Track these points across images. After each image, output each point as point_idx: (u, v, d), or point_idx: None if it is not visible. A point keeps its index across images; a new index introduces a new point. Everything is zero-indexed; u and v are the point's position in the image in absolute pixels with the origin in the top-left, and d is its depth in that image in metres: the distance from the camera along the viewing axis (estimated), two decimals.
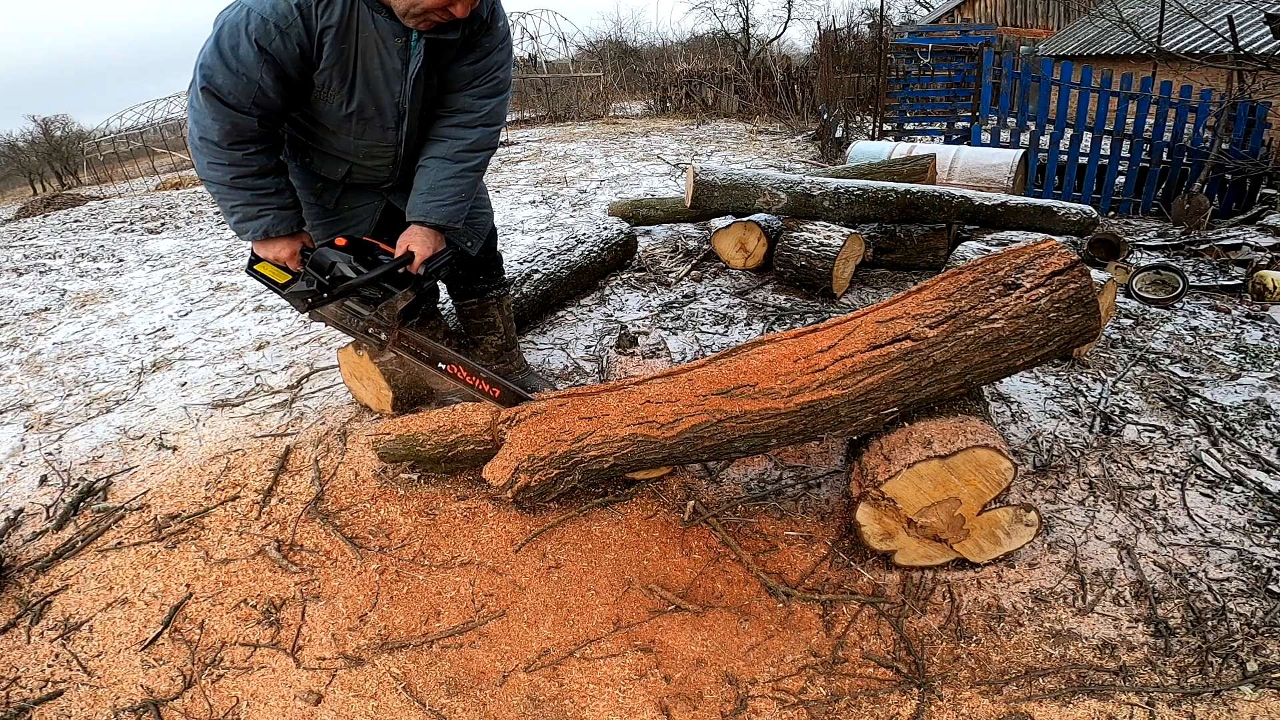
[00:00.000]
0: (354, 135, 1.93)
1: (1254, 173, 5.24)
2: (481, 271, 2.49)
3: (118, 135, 16.90)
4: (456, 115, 1.99)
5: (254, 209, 1.85)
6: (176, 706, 1.61)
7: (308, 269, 1.93)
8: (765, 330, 3.22)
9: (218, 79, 1.67)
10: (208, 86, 1.68)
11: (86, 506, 2.22)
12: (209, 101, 1.69)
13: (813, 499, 2.12)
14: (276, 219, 1.88)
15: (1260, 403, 2.51)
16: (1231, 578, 1.79)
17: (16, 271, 5.38)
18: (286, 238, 1.93)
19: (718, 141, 10.19)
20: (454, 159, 1.99)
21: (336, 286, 1.91)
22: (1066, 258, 1.76)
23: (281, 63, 1.69)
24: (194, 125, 1.77)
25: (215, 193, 1.84)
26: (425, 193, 1.99)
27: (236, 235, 1.97)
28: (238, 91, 1.69)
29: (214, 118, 1.71)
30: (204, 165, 1.80)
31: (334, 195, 2.13)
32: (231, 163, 1.78)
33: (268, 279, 2.02)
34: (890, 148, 5.08)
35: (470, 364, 2.07)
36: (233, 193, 1.82)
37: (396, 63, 1.81)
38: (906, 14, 23.92)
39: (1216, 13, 7.95)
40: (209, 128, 1.73)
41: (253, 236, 1.89)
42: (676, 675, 1.65)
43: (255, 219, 1.86)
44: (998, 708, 1.52)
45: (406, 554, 1.98)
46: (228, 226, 2.03)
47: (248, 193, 1.83)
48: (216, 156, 1.77)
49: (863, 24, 16.40)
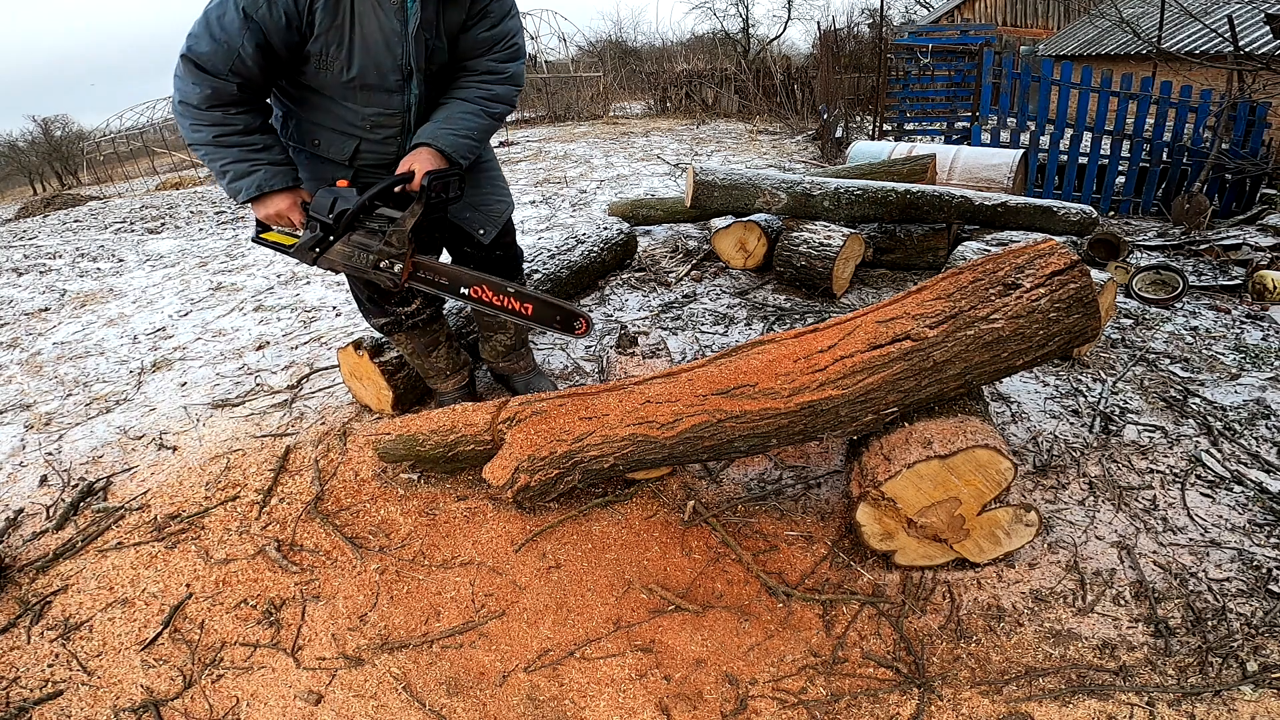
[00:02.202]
0: (360, 103, 1.90)
1: (1254, 173, 5.24)
2: (498, 269, 2.36)
3: (118, 135, 16.91)
4: (482, 75, 1.99)
5: (244, 164, 1.83)
6: (176, 706, 1.61)
7: (310, 215, 1.88)
8: (765, 330, 3.22)
9: (200, 46, 1.69)
10: (188, 54, 1.70)
11: (86, 506, 2.22)
12: (188, 68, 1.71)
13: (813, 499, 2.12)
14: (269, 173, 1.85)
15: (1260, 403, 2.51)
16: (1231, 578, 1.79)
17: (16, 271, 5.38)
18: (282, 192, 1.89)
19: (718, 141, 10.19)
20: (474, 101, 1.98)
21: (338, 220, 1.84)
22: (1066, 258, 1.76)
23: (266, 31, 1.70)
24: (175, 91, 1.78)
25: (204, 156, 1.83)
26: (438, 121, 1.95)
27: (231, 198, 1.92)
28: (216, 59, 1.70)
29: (193, 82, 1.72)
30: (187, 128, 1.80)
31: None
32: (213, 123, 1.78)
33: (276, 244, 1.97)
34: (890, 148, 5.08)
35: (495, 282, 1.98)
36: (220, 151, 1.81)
37: (395, 24, 1.79)
38: (906, 14, 23.92)
39: (1216, 13, 7.95)
40: (188, 92, 1.74)
41: (247, 195, 1.85)
42: (676, 675, 1.65)
43: (247, 175, 1.83)
44: (998, 708, 1.52)
45: (406, 554, 1.98)
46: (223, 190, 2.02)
47: (235, 149, 1.81)
48: (197, 119, 1.77)
49: (863, 24, 16.40)
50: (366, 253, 1.89)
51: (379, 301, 2.26)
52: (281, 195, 1.89)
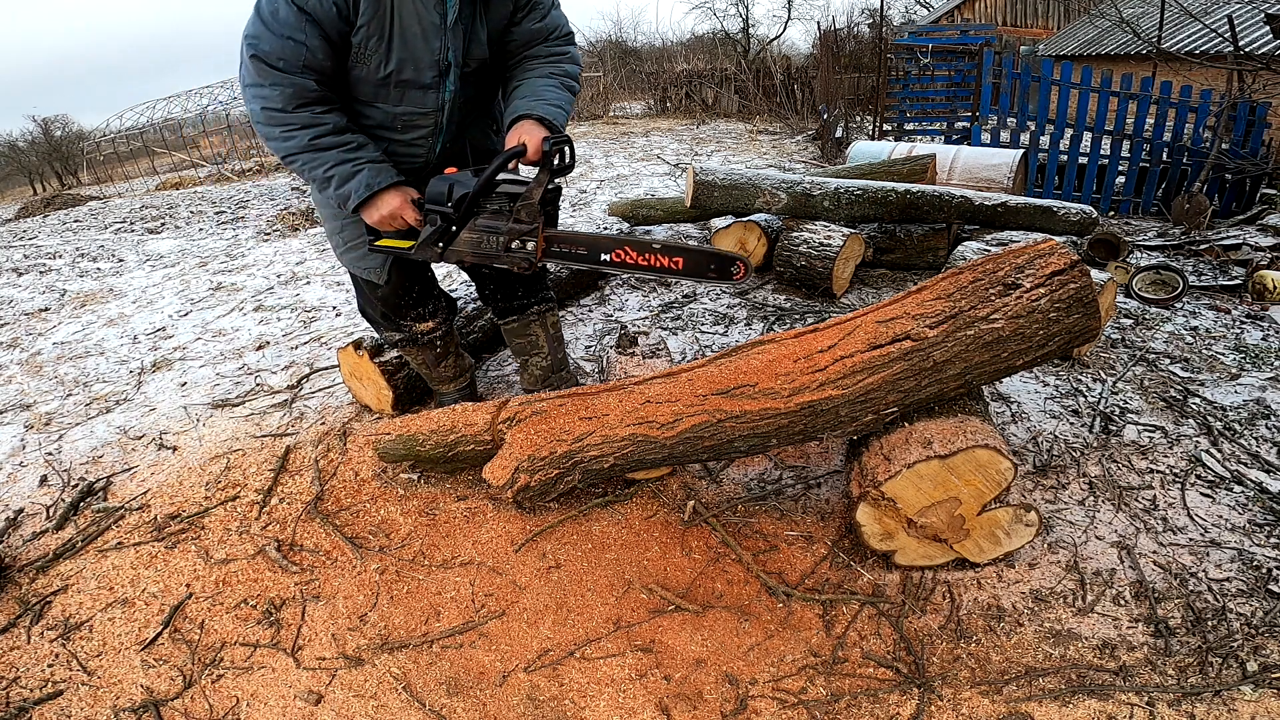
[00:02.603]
0: (391, 102, 1.83)
1: (1254, 173, 5.24)
2: (521, 284, 2.32)
3: (118, 135, 16.91)
4: (548, 58, 1.95)
5: (348, 166, 1.74)
6: (176, 706, 1.61)
7: (427, 208, 1.78)
8: (765, 330, 3.22)
9: (264, 45, 1.62)
10: (255, 53, 1.62)
11: (86, 506, 2.22)
12: (259, 68, 1.63)
13: (813, 499, 2.12)
14: (374, 171, 1.77)
15: (1260, 403, 2.51)
16: (1231, 578, 1.79)
17: (16, 271, 5.38)
18: (392, 189, 1.80)
19: (718, 141, 10.19)
20: (550, 76, 1.92)
21: (461, 206, 1.73)
22: (1066, 258, 1.76)
23: (321, 22, 1.63)
24: (253, 100, 1.68)
25: (303, 165, 1.73)
26: (527, 97, 1.87)
27: (340, 206, 1.81)
28: (286, 55, 1.63)
29: (270, 83, 1.64)
30: (278, 138, 1.70)
31: None
32: (304, 124, 1.69)
33: (393, 249, 1.88)
34: (890, 148, 5.08)
35: (638, 240, 1.88)
36: (319, 155, 1.71)
37: (434, 16, 1.73)
38: (906, 14, 23.92)
39: (1216, 13, 7.95)
40: (269, 95, 1.65)
41: (359, 198, 1.76)
42: (676, 675, 1.64)
43: (354, 176, 1.74)
44: (998, 708, 1.52)
45: (406, 554, 1.98)
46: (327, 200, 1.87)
47: (334, 151, 1.73)
48: (286, 123, 1.68)
49: (863, 24, 16.39)
50: (495, 235, 1.78)
51: (393, 318, 2.23)
52: (392, 193, 1.81)
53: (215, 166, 14.31)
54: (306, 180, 1.84)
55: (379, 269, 2.09)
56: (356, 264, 2.11)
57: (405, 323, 2.24)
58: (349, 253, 2.10)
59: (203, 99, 16.84)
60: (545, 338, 2.43)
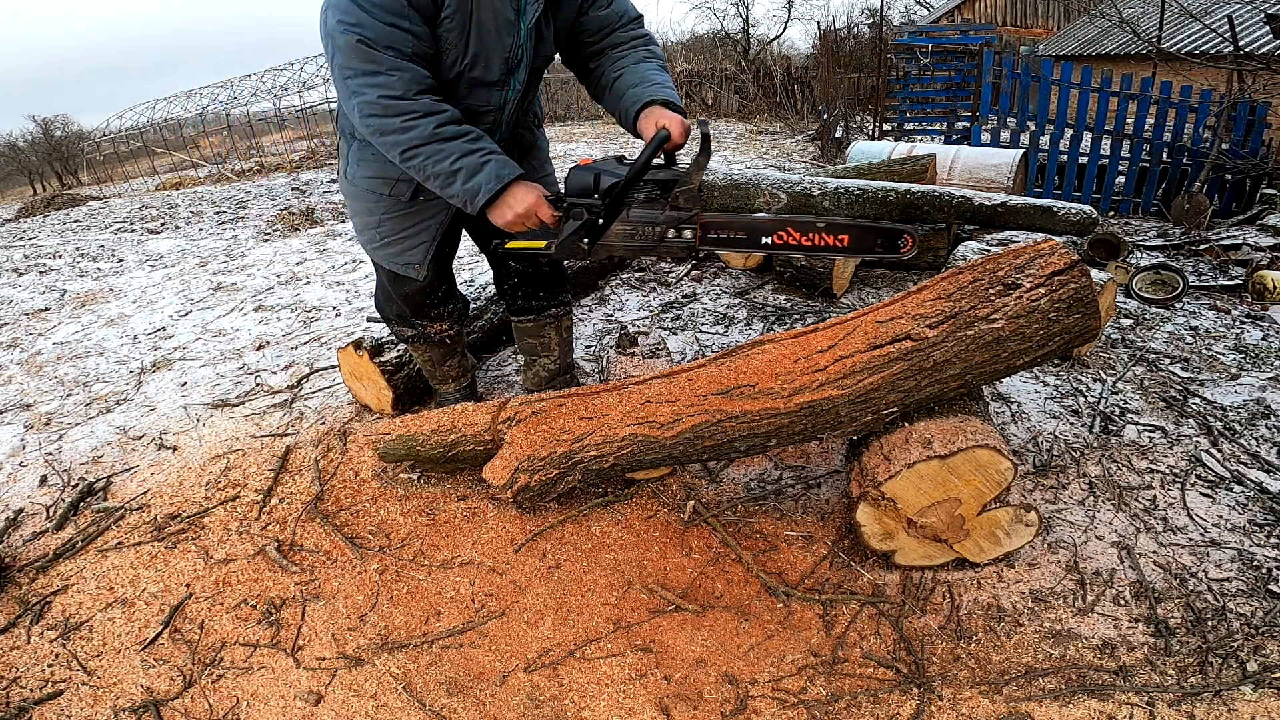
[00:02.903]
0: (458, 99, 1.73)
1: (1254, 173, 5.24)
2: (543, 286, 2.27)
3: (118, 135, 16.91)
4: (631, 41, 1.87)
5: (474, 157, 1.61)
6: (176, 706, 1.61)
7: (569, 202, 1.67)
8: (765, 330, 3.21)
9: (369, 31, 1.51)
10: (361, 39, 1.51)
11: (86, 506, 2.22)
12: (369, 54, 1.52)
13: (813, 499, 2.12)
14: (500, 162, 1.64)
15: (1260, 403, 2.51)
16: (1231, 578, 1.79)
17: (16, 271, 5.38)
18: (520, 182, 1.67)
19: (718, 141, 10.19)
20: (648, 60, 1.85)
21: (612, 196, 1.63)
22: (1066, 258, 1.76)
23: (420, 9, 1.56)
24: (368, 89, 1.55)
25: (425, 159, 1.60)
26: (638, 84, 1.78)
27: (466, 203, 1.66)
28: (395, 42, 1.53)
29: (388, 69, 1.53)
30: (398, 129, 1.57)
31: (411, 184, 1.89)
32: (426, 111, 1.57)
33: (527, 250, 1.76)
34: (890, 148, 5.08)
35: (800, 220, 1.77)
36: (444, 146, 1.59)
37: (509, 12, 1.66)
38: (906, 14, 23.92)
39: (1216, 13, 7.94)
40: (387, 82, 1.54)
41: (489, 191, 1.63)
42: (676, 675, 1.64)
43: (481, 168, 1.62)
44: (998, 708, 1.52)
45: (406, 554, 1.98)
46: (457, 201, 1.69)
47: (458, 141, 1.60)
48: (408, 111, 1.56)
49: (863, 24, 16.40)
50: (651, 225, 1.69)
51: (411, 317, 2.20)
52: (522, 187, 1.68)
53: (215, 166, 14.31)
54: (424, 177, 1.66)
55: (420, 265, 2.02)
56: (394, 260, 2.03)
57: (422, 321, 2.22)
58: (387, 248, 2.01)
59: (203, 99, 16.84)
60: (557, 340, 2.41)
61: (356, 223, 2.05)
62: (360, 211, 1.99)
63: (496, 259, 2.26)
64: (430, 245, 2.03)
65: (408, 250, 2.01)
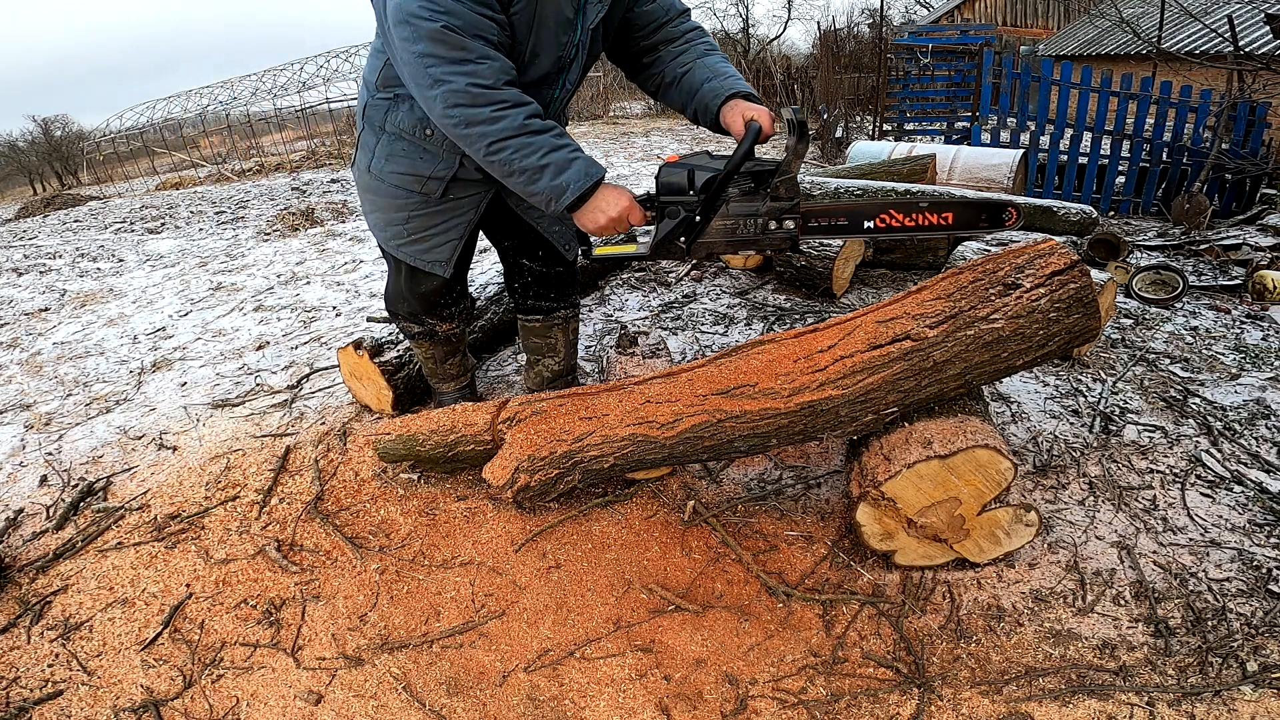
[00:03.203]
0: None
1: (1254, 173, 5.24)
2: (554, 287, 2.25)
3: (118, 135, 16.92)
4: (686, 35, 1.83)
5: (564, 151, 1.55)
6: (176, 706, 1.61)
7: (662, 201, 1.61)
8: (765, 330, 3.22)
9: (457, 19, 1.44)
10: (448, 26, 1.43)
11: (86, 506, 2.22)
12: (459, 42, 1.45)
13: (813, 499, 2.12)
14: (588, 160, 1.58)
15: (1260, 403, 2.51)
16: (1231, 578, 1.79)
17: (16, 271, 5.38)
18: (610, 184, 1.62)
19: (718, 141, 10.19)
20: (708, 54, 1.81)
21: (710, 190, 1.57)
22: (1066, 258, 1.76)
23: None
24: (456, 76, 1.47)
25: (513, 153, 1.52)
26: (710, 78, 1.73)
27: (550, 203, 1.59)
28: (484, 30, 1.46)
29: (477, 57, 1.47)
30: (486, 120, 1.49)
31: (442, 182, 1.85)
32: (515, 102, 1.50)
33: (616, 255, 1.72)
34: (890, 148, 5.08)
35: (903, 201, 1.74)
36: (533, 140, 1.52)
37: (568, 11, 1.61)
38: (906, 14, 23.93)
39: (1216, 13, 7.95)
40: (477, 70, 1.46)
41: (577, 190, 1.57)
42: (676, 675, 1.64)
43: (570, 165, 1.55)
44: (998, 708, 1.52)
45: (406, 554, 1.98)
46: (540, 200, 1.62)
47: (546, 135, 1.54)
48: (498, 101, 1.48)
49: (863, 24, 16.40)
50: (752, 218, 1.63)
51: (422, 315, 2.19)
52: (613, 189, 1.62)
53: (215, 166, 14.32)
54: (507, 172, 1.58)
55: (446, 262, 1.99)
56: (421, 257, 1.98)
57: (432, 320, 2.22)
58: (414, 245, 1.97)
59: (203, 99, 16.85)
60: (564, 342, 2.40)
61: (378, 218, 1.98)
62: (385, 207, 1.94)
63: (508, 256, 2.26)
64: (459, 243, 2.00)
65: (435, 248, 1.98)
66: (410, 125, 1.79)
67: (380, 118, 1.82)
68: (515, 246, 2.20)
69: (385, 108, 1.80)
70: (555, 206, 1.61)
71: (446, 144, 1.79)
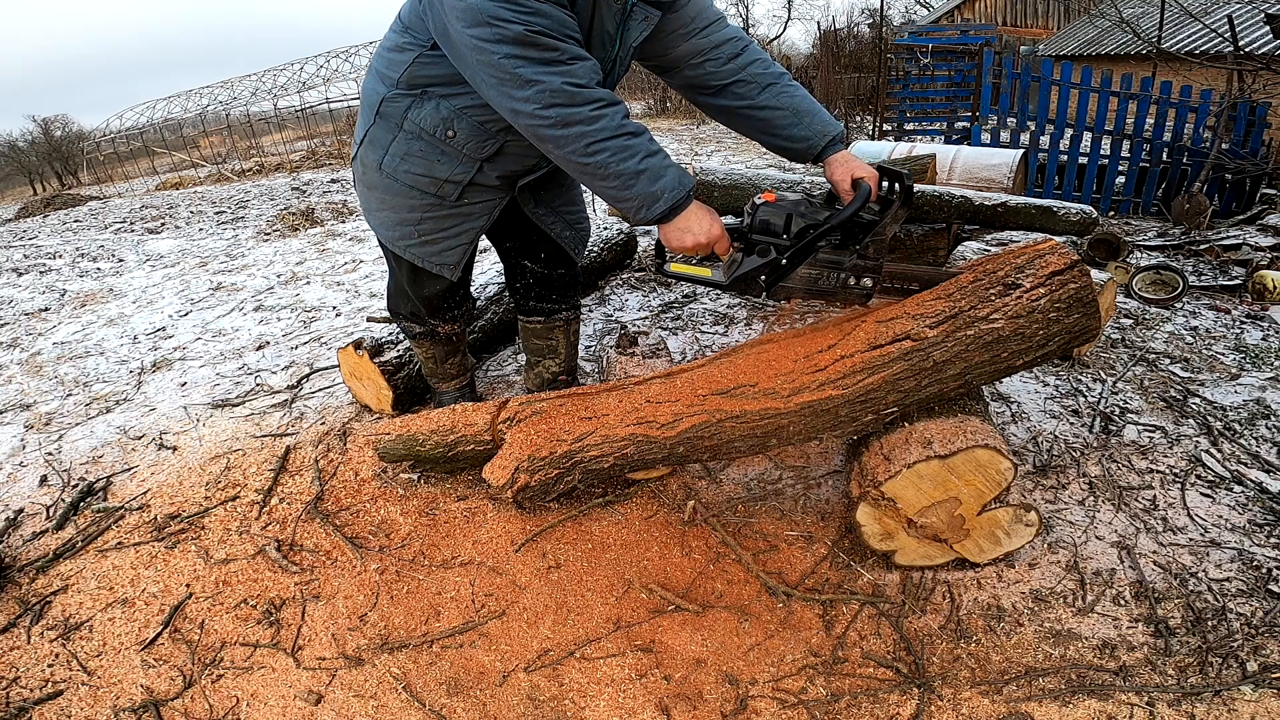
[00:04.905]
0: None
1: (1254, 173, 5.24)
2: (556, 289, 2.24)
3: (118, 135, 16.92)
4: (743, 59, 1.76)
5: (659, 157, 1.50)
6: (176, 706, 1.61)
7: (754, 237, 1.59)
8: (765, 330, 3.22)
9: (540, 21, 1.40)
10: (536, 29, 1.38)
11: (86, 506, 2.22)
12: (549, 43, 1.40)
13: (813, 499, 2.12)
14: (681, 170, 1.54)
15: (1260, 403, 2.51)
16: (1231, 578, 1.79)
17: (16, 271, 5.38)
18: (700, 203, 1.57)
19: (718, 141, 10.19)
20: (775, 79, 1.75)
21: (804, 239, 1.56)
22: (1066, 258, 1.76)
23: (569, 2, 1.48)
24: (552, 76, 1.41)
25: (613, 153, 1.46)
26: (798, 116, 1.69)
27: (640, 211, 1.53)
28: (569, 30, 1.43)
29: (569, 58, 1.43)
30: (584, 119, 1.44)
31: (458, 186, 1.83)
32: (610, 101, 1.45)
33: (694, 277, 1.69)
34: (890, 148, 5.08)
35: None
36: (632, 142, 1.46)
37: (610, 25, 1.58)
38: (906, 14, 23.93)
39: (1216, 13, 7.95)
40: (570, 70, 1.41)
41: (671, 200, 1.52)
42: (676, 675, 1.64)
43: (665, 172, 1.50)
44: (998, 708, 1.52)
45: (406, 554, 1.98)
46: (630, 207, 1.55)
47: (642, 138, 1.49)
48: (595, 100, 1.43)
49: (863, 24, 16.40)
50: (836, 271, 1.65)
51: (425, 316, 2.18)
52: (704, 210, 1.57)
53: (215, 166, 14.32)
54: (600, 176, 1.51)
55: (455, 265, 1.97)
56: (430, 258, 1.96)
57: (434, 320, 2.22)
58: (424, 246, 1.94)
59: (203, 99, 16.85)
60: (565, 344, 2.40)
61: (386, 217, 1.93)
62: (395, 206, 1.89)
63: (509, 257, 2.26)
64: (469, 246, 2.00)
65: (446, 250, 1.96)
66: (432, 125, 1.75)
67: (399, 114, 1.76)
68: (517, 248, 2.21)
69: (407, 104, 1.75)
70: (645, 214, 1.55)
71: (466, 148, 1.76)
